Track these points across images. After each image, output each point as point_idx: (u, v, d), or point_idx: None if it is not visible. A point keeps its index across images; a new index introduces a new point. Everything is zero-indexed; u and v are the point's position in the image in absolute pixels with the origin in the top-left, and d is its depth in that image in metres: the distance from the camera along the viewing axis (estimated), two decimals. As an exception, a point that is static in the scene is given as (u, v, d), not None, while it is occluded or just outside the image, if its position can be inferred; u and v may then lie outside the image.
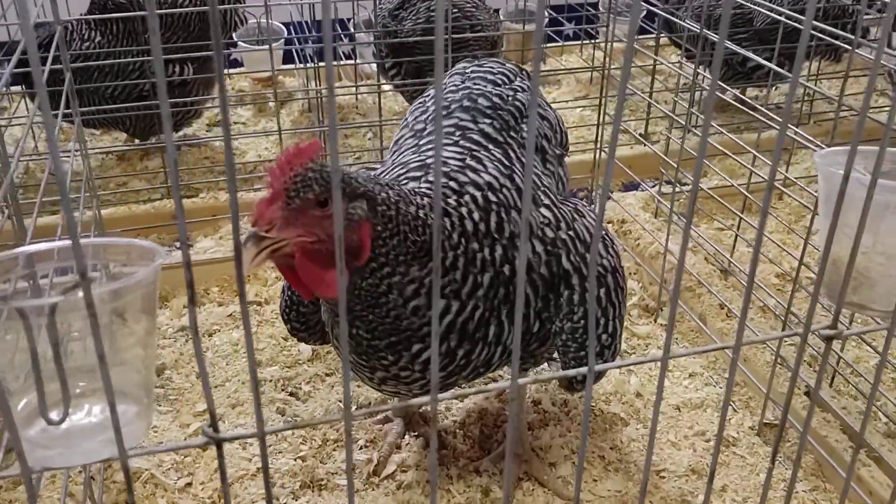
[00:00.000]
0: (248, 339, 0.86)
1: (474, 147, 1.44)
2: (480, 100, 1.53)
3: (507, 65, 1.65)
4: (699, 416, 1.87)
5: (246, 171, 2.97)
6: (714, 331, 2.04)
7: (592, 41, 3.77)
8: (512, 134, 1.50)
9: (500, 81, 1.58)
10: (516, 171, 1.43)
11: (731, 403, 1.91)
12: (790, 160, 2.58)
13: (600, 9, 3.92)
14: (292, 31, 3.60)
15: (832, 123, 3.09)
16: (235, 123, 3.38)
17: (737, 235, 2.21)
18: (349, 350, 1.32)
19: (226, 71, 3.59)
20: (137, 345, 0.95)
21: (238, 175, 2.92)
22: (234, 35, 3.43)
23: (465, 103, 1.52)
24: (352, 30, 3.64)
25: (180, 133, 3.11)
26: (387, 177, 1.44)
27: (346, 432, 0.94)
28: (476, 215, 1.31)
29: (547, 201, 1.43)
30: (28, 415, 0.90)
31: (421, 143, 1.50)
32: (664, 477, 1.71)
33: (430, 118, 1.53)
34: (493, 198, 1.35)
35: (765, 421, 1.81)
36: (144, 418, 0.98)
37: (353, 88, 3.38)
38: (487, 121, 1.50)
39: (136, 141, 3.04)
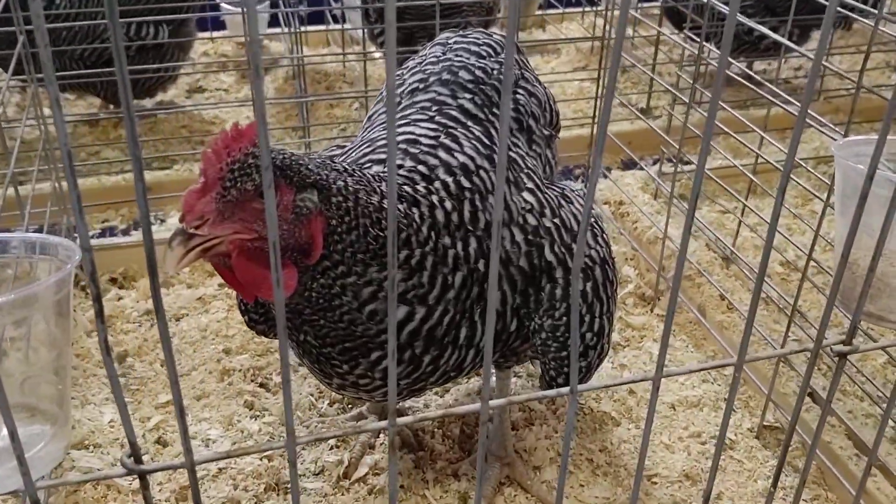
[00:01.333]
0: (169, 363, 0.74)
1: (451, 124, 1.30)
2: (462, 73, 1.38)
3: (495, 36, 1.50)
4: (695, 415, 1.75)
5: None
6: (713, 324, 1.91)
7: (594, 8, 3.59)
8: (495, 111, 1.36)
9: (484, 53, 1.44)
10: (497, 151, 1.29)
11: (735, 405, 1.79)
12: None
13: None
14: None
15: (842, 101, 2.97)
16: (217, 90, 3.23)
17: (740, 221, 2.08)
18: (300, 353, 1.19)
19: (208, 34, 3.42)
20: (50, 355, 0.82)
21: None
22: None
23: (445, 76, 1.38)
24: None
25: (157, 99, 2.96)
26: (353, 155, 1.30)
27: (291, 463, 0.82)
28: (448, 204, 1.17)
29: (530, 185, 1.29)
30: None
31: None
32: (656, 483, 1.59)
33: (405, 91, 1.39)
34: (466, 183, 1.21)
35: (765, 423, 1.70)
36: (62, 437, 0.86)
37: (341, 55, 3.22)
38: (468, 96, 1.36)
39: (111, 107, 2.89)
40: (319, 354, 1.15)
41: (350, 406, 1.74)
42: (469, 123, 1.32)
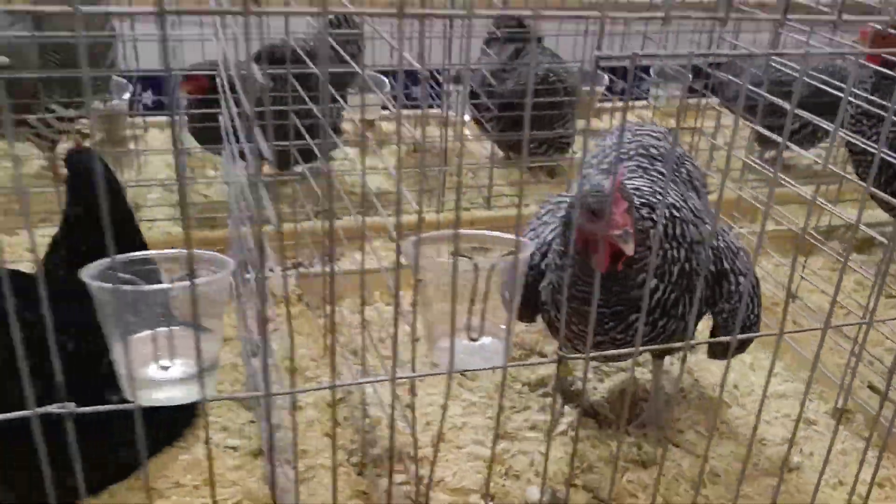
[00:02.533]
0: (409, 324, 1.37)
1: (656, 180, 1.98)
2: (651, 149, 2.08)
3: (660, 127, 2.20)
4: (783, 403, 2.40)
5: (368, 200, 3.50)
6: (790, 339, 2.58)
7: (646, 101, 4.38)
8: (676, 175, 2.05)
9: (659, 137, 2.13)
10: (686, 198, 1.97)
11: (810, 395, 2.43)
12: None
13: (652, 74, 4.52)
14: (391, 81, 4.18)
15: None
16: (342, 159, 3.91)
17: (804, 267, 2.77)
18: (577, 321, 1.80)
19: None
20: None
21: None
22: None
23: (641, 151, 2.07)
24: (445, 84, 4.21)
25: (314, 164, 3.61)
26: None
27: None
28: (668, 223, 1.83)
29: (708, 221, 1.97)
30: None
31: (609, 177, 2.03)
32: (765, 444, 2.22)
33: (611, 161, 2.08)
34: (676, 214, 1.87)
35: (837, 406, 2.34)
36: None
37: (448, 134, 3.92)
38: (659, 164, 2.04)
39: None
40: (598, 313, 1.73)
41: (536, 386, 2.35)
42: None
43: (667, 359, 2.42)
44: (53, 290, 2.02)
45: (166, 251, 1.39)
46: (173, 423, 2.09)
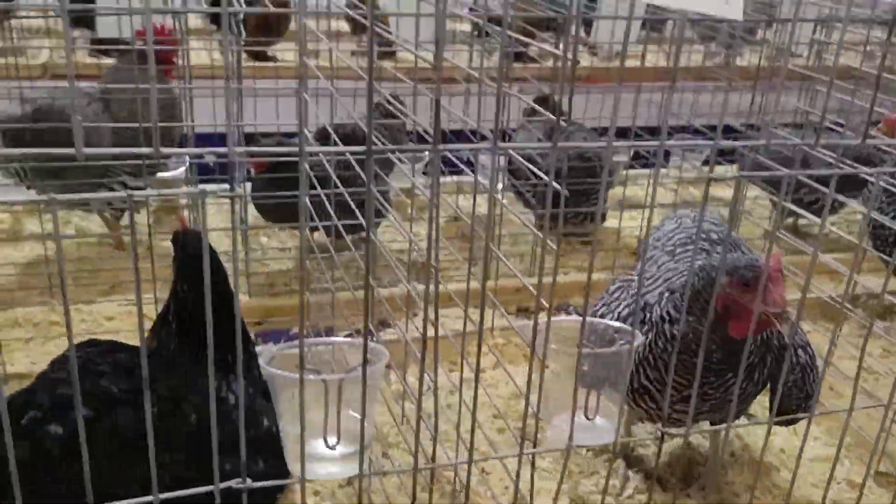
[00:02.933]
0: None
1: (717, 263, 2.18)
2: (711, 234, 2.28)
3: (714, 215, 2.42)
4: (826, 466, 2.57)
5: (418, 265, 3.69)
6: (828, 404, 2.76)
7: (670, 176, 4.62)
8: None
9: (716, 224, 2.34)
10: None
11: (849, 459, 2.62)
12: (853, 286, 3.37)
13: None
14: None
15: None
16: (387, 226, 4.11)
17: (835, 333, 2.96)
18: (680, 373, 1.94)
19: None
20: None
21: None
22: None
23: (703, 235, 2.28)
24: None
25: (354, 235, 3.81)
26: (661, 277, 2.15)
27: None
28: None
29: None
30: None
31: (675, 258, 2.23)
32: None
33: (676, 244, 2.28)
34: None
35: (878, 470, 2.52)
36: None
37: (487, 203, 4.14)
38: (719, 247, 2.25)
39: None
40: (706, 368, 1.86)
41: (600, 452, 2.52)
42: (727, 263, 2.20)
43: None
44: (168, 362, 2.19)
45: (341, 339, 1.57)
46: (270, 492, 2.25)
